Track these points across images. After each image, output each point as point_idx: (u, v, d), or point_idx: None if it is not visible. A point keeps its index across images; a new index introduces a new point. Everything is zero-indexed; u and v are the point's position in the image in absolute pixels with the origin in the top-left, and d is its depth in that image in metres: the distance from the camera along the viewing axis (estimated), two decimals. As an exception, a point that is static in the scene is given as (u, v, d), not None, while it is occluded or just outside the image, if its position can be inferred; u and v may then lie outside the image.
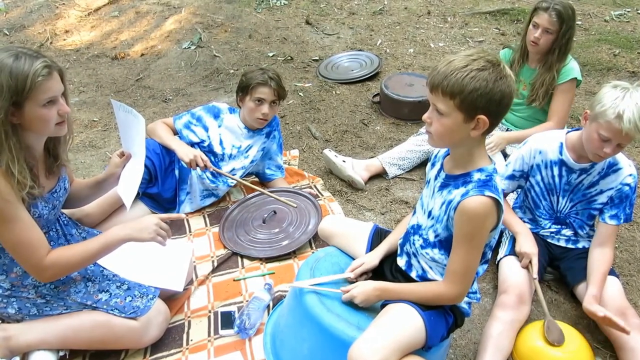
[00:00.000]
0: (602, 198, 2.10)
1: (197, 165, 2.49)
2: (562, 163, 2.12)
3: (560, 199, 2.19)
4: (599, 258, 2.06)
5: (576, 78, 2.76)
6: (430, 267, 1.66)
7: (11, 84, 1.57)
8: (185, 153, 2.52)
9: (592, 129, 1.93)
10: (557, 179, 2.16)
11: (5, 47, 1.64)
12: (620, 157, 2.07)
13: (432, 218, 1.61)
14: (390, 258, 1.85)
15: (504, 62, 1.43)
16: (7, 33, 5.35)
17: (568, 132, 2.12)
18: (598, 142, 1.91)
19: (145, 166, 2.53)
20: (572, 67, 2.77)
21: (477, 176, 1.50)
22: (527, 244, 2.14)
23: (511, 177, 2.27)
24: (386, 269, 1.84)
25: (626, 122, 1.81)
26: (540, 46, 2.74)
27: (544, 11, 2.67)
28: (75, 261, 1.78)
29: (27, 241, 1.68)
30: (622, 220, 2.07)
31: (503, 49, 3.12)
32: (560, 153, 2.11)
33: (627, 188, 2.05)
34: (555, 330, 1.90)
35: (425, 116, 1.51)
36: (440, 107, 1.44)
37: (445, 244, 1.59)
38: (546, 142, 2.15)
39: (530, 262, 2.11)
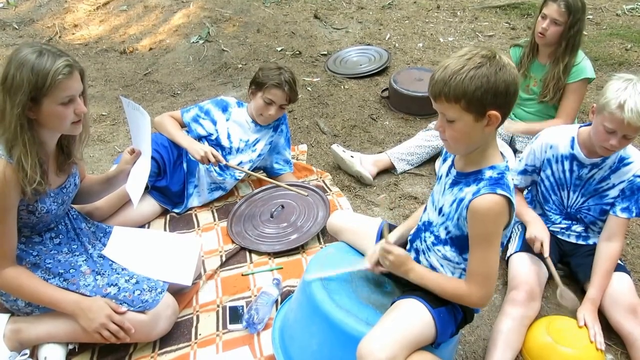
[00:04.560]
0: (614, 192, 2.08)
1: (209, 161, 2.49)
2: (573, 157, 2.10)
3: (571, 193, 2.17)
4: (605, 253, 2.06)
5: (587, 78, 2.74)
6: (442, 265, 1.64)
7: (32, 80, 1.60)
8: (196, 150, 2.52)
9: (597, 122, 1.93)
10: (567, 174, 2.14)
11: (30, 43, 1.68)
12: (632, 151, 2.05)
13: (443, 215, 1.60)
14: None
15: (499, 51, 1.41)
16: (17, 27, 5.37)
17: (580, 126, 2.10)
18: (604, 134, 1.91)
19: (154, 159, 2.55)
20: (584, 67, 2.74)
21: (488, 174, 1.48)
22: (538, 229, 2.13)
23: (524, 172, 2.25)
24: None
25: (627, 111, 1.80)
26: (548, 38, 2.71)
27: (553, 1, 2.65)
28: (24, 292, 1.79)
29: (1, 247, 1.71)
30: (634, 214, 2.05)
31: (511, 46, 3.09)
32: (572, 147, 2.09)
33: (639, 180, 2.02)
34: (568, 296, 1.94)
35: (437, 126, 1.50)
36: (448, 114, 1.42)
37: (456, 242, 1.58)
38: (558, 136, 2.13)
39: (542, 244, 2.09)
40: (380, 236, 1.89)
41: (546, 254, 2.07)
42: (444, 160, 1.69)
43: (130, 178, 2.16)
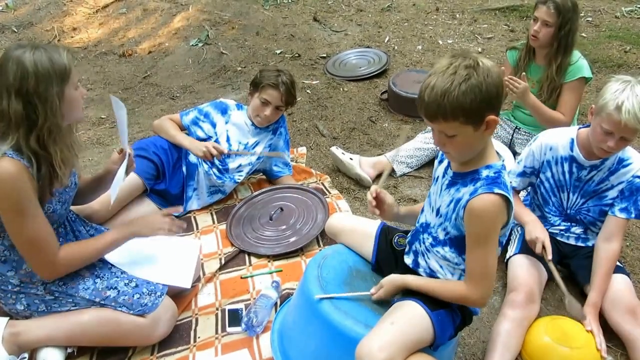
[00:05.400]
0: (613, 193, 2.08)
1: (213, 155, 2.50)
2: (572, 159, 2.10)
3: (571, 195, 2.17)
4: (604, 255, 2.05)
5: (585, 77, 2.74)
6: (441, 266, 1.64)
7: (56, 70, 1.65)
8: (197, 148, 2.54)
9: (595, 123, 1.93)
10: (567, 175, 2.13)
11: (16, 46, 1.68)
12: (631, 152, 2.05)
13: (441, 216, 1.60)
14: (397, 256, 1.84)
15: (476, 55, 1.40)
16: (16, 30, 5.37)
17: (579, 128, 2.10)
18: (601, 136, 1.91)
19: (153, 162, 2.55)
20: (581, 65, 2.75)
21: (485, 173, 1.48)
22: (537, 230, 2.12)
23: (522, 174, 2.25)
24: (393, 268, 1.82)
25: (624, 113, 1.80)
26: (540, 40, 2.73)
27: (542, 4, 2.68)
28: (86, 255, 1.86)
29: (43, 236, 1.73)
30: (632, 215, 2.05)
31: (508, 49, 3.09)
32: (571, 149, 2.09)
33: (638, 180, 2.02)
34: (576, 306, 1.93)
35: (435, 142, 1.49)
36: (448, 131, 1.42)
37: (455, 242, 1.58)
38: (557, 138, 2.13)
39: (543, 246, 2.08)
40: (378, 245, 1.90)
41: (549, 256, 2.06)
42: (440, 161, 1.69)
43: (115, 177, 2.15)
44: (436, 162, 1.73)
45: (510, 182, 2.25)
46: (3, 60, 1.64)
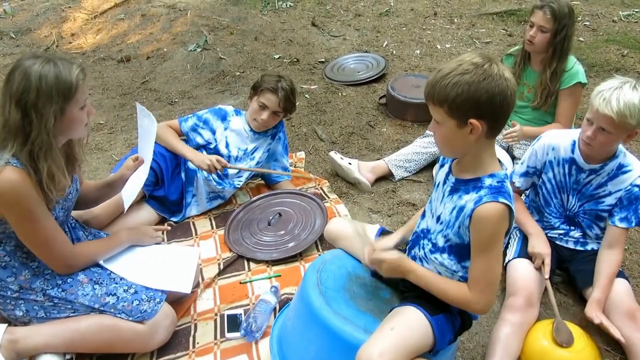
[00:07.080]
0: (610, 199, 2.08)
1: (216, 169, 2.52)
2: (572, 161, 2.10)
3: (570, 197, 2.17)
4: (607, 260, 2.05)
5: (581, 82, 2.75)
6: (439, 272, 1.64)
7: (60, 88, 1.64)
8: (202, 161, 2.54)
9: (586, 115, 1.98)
10: (567, 177, 2.14)
11: (30, 55, 1.69)
12: (631, 159, 2.06)
13: (441, 223, 1.60)
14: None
15: (496, 61, 1.39)
16: (14, 36, 5.38)
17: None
18: (585, 125, 1.96)
19: (152, 168, 2.54)
20: (577, 71, 2.76)
21: (488, 182, 1.48)
22: (540, 245, 2.13)
23: (525, 174, 2.25)
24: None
25: (599, 98, 1.86)
26: (536, 45, 2.74)
27: (539, 9, 2.69)
28: (99, 251, 1.98)
29: (56, 235, 1.78)
30: (633, 224, 2.04)
31: (504, 56, 3.10)
32: (572, 151, 2.09)
33: (637, 189, 2.02)
34: (565, 331, 1.90)
35: (429, 127, 1.53)
36: (435, 116, 1.46)
37: (455, 249, 1.57)
38: (559, 139, 2.14)
39: (542, 262, 2.09)
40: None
41: (546, 275, 2.07)
42: (441, 165, 1.69)
43: (128, 183, 2.16)
44: (437, 166, 1.73)
45: (514, 182, 2.26)
46: (13, 68, 1.65)
